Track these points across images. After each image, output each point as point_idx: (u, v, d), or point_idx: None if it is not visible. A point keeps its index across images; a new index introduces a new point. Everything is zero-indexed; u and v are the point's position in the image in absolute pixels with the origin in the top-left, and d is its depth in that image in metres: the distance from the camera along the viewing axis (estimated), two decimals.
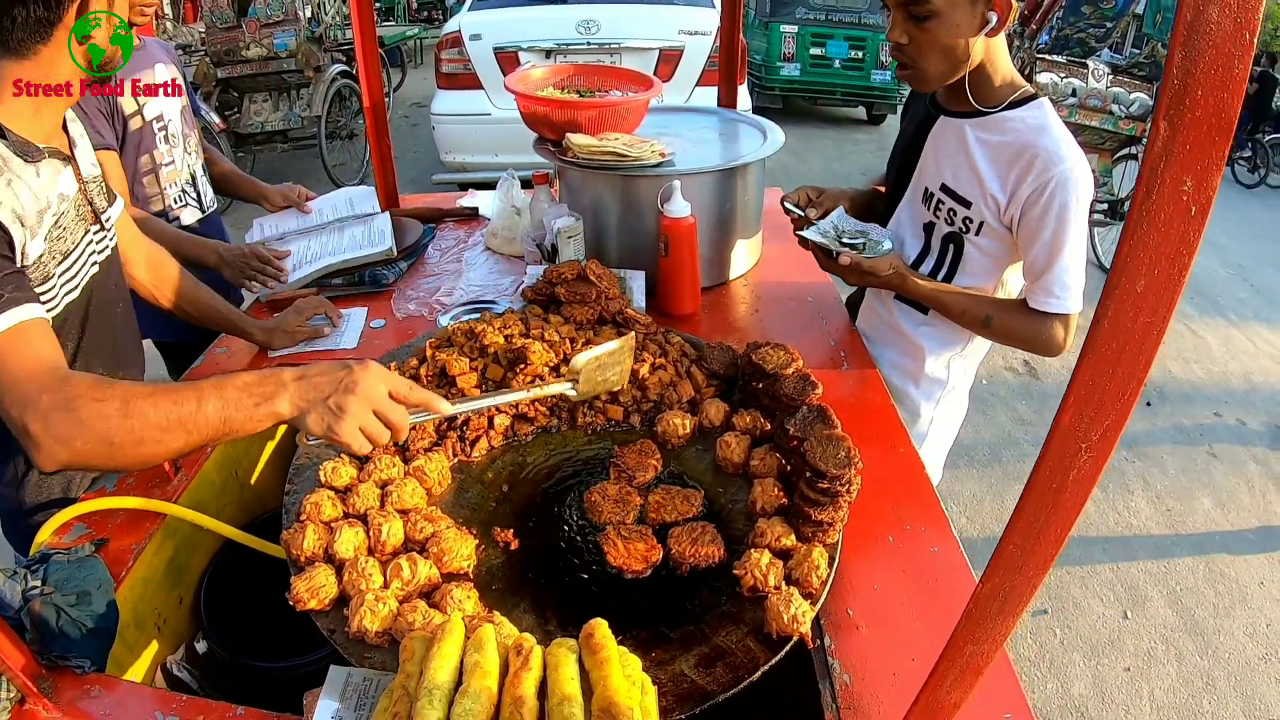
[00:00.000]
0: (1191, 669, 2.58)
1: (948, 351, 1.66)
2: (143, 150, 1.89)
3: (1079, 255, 1.39)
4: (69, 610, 0.98)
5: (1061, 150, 1.36)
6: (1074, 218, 1.36)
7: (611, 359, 1.19)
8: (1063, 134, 1.38)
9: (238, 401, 0.92)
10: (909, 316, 1.66)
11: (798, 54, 8.92)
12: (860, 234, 1.63)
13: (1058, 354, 1.46)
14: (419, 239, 2.18)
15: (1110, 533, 3.18)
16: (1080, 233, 1.37)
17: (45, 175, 1.13)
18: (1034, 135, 1.38)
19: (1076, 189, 1.35)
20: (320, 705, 0.87)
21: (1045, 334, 1.43)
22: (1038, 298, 1.42)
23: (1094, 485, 0.50)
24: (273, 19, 6.18)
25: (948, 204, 1.54)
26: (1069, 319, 1.42)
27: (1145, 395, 4.20)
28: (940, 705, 0.70)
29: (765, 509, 1.09)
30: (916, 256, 1.63)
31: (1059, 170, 1.34)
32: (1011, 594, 0.56)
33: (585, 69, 2.16)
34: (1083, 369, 0.46)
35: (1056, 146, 1.36)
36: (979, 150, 1.46)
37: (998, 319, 1.49)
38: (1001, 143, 1.43)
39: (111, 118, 1.76)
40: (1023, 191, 1.39)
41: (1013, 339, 1.50)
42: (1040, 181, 1.36)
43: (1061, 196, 1.35)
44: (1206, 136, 0.40)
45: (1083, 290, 1.41)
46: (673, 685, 0.88)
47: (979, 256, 1.53)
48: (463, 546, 1.03)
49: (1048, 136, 1.37)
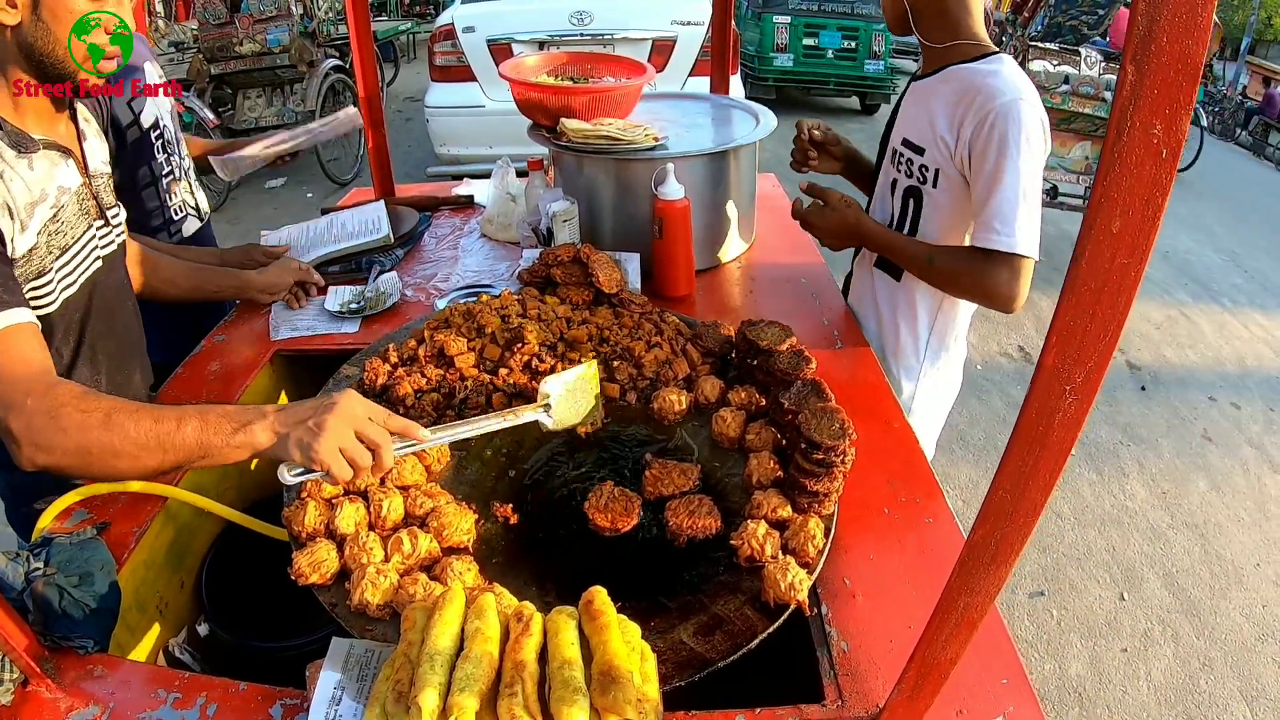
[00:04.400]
0: (1188, 650, 2.60)
1: (921, 321, 1.65)
2: (140, 162, 1.82)
3: (1023, 194, 1.34)
4: (72, 591, 0.98)
5: (1004, 86, 1.36)
6: (1014, 151, 1.33)
7: (579, 385, 1.19)
8: (1014, 76, 1.38)
9: (217, 426, 0.92)
10: (885, 284, 1.68)
11: (790, 44, 8.90)
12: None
13: (1009, 306, 1.40)
14: (415, 226, 2.18)
15: (1106, 515, 3.20)
16: (1027, 172, 1.34)
17: (40, 168, 1.12)
18: (982, 78, 1.40)
19: (1020, 122, 1.33)
20: (323, 676, 0.87)
21: (988, 276, 1.39)
22: (978, 234, 1.40)
23: (1080, 429, 0.51)
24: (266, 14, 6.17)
25: (906, 155, 1.56)
26: (1015, 262, 1.37)
27: (1140, 380, 4.22)
28: (936, 661, 0.71)
29: (761, 481, 1.10)
30: (887, 218, 1.67)
31: (1000, 103, 1.34)
32: (1003, 542, 0.57)
33: (578, 56, 2.16)
34: (1063, 309, 0.47)
35: (1001, 83, 1.36)
36: (935, 100, 1.48)
37: (940, 259, 1.48)
38: (954, 89, 1.44)
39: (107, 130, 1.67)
40: (967, 130, 1.40)
41: (958, 282, 1.48)
42: (981, 115, 1.37)
43: (1001, 127, 1.34)
44: (1173, 81, 0.41)
45: (1036, 236, 1.37)
46: (672, 653, 0.90)
47: (936, 210, 1.54)
48: (462, 521, 1.04)
49: (995, 77, 1.38)
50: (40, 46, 1.09)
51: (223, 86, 6.36)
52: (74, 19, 1.09)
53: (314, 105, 6.26)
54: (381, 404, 1.25)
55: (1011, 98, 1.35)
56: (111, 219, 1.31)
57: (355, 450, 0.92)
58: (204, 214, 2.09)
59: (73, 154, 1.21)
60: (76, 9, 1.08)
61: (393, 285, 1.83)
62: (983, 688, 0.88)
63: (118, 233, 1.33)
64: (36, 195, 1.11)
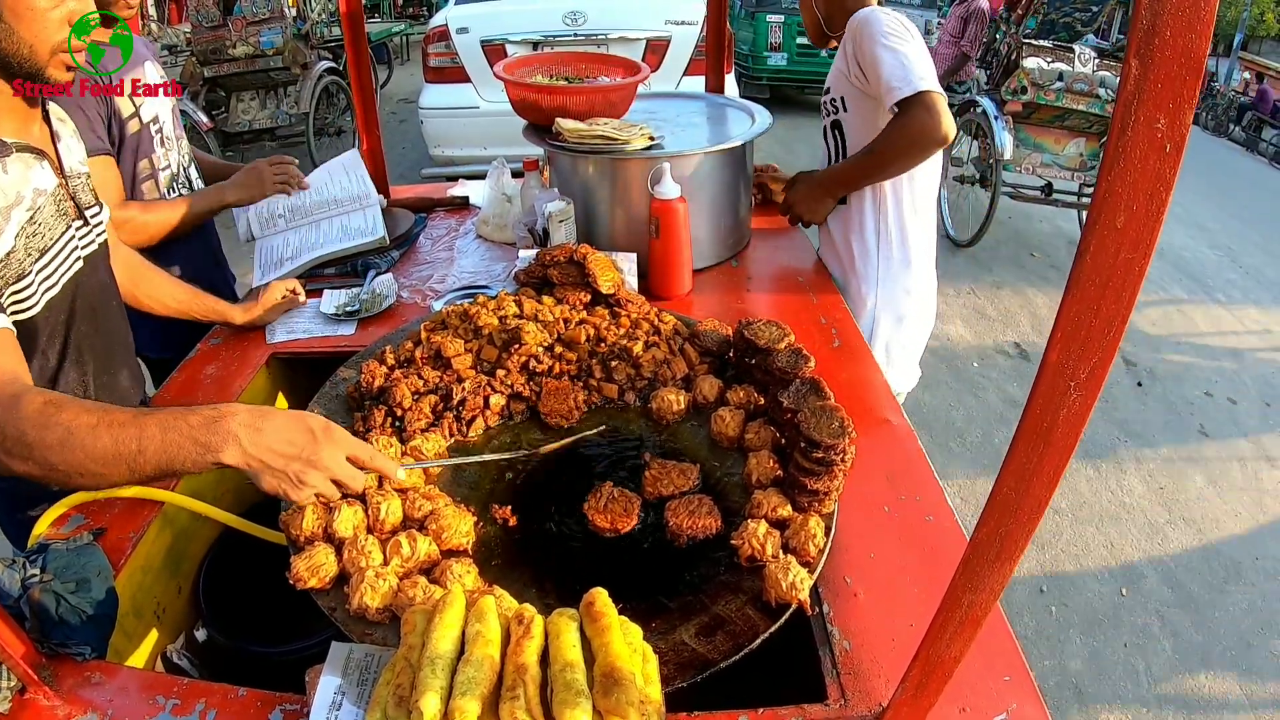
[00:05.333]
0: (1188, 644, 2.60)
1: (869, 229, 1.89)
2: (141, 155, 1.83)
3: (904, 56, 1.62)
4: (68, 597, 0.98)
5: (860, 12, 1.72)
6: (880, 38, 1.65)
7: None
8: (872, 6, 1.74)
9: (179, 445, 0.88)
10: (832, 219, 1.97)
11: (784, 43, 8.92)
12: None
13: (937, 135, 1.63)
14: (410, 228, 2.18)
15: (1104, 511, 3.20)
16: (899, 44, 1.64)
17: (14, 171, 1.11)
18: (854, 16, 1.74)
19: (873, 20, 1.68)
20: (322, 682, 0.87)
21: (911, 123, 1.63)
22: (885, 103, 1.66)
23: (1084, 425, 0.50)
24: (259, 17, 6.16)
25: (824, 102, 1.95)
26: (925, 98, 1.60)
27: (1136, 376, 4.23)
28: (940, 659, 0.71)
29: (761, 481, 1.10)
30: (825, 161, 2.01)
31: (857, 21, 1.71)
32: (1007, 539, 0.57)
33: (573, 56, 2.16)
34: (1067, 305, 0.47)
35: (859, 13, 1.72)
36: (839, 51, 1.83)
37: (876, 143, 1.73)
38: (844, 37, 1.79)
39: (109, 122, 1.71)
40: (849, 54, 1.74)
41: (894, 148, 1.71)
42: (849, 37, 1.73)
43: (863, 32, 1.68)
44: (1177, 75, 0.41)
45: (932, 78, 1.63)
46: (673, 654, 0.89)
47: (855, 127, 1.84)
48: (461, 523, 1.03)
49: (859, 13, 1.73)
50: (5, 47, 1.08)
51: (216, 89, 6.35)
52: (35, 16, 1.06)
53: (308, 107, 6.26)
54: (379, 406, 1.25)
55: (865, 12, 1.71)
56: (91, 218, 1.30)
57: (330, 493, 0.95)
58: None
59: (47, 155, 1.20)
60: (38, 6, 1.06)
61: (389, 287, 1.83)
62: (985, 685, 0.88)
63: (98, 232, 1.33)
64: (11, 198, 1.10)
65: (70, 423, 0.89)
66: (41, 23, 1.08)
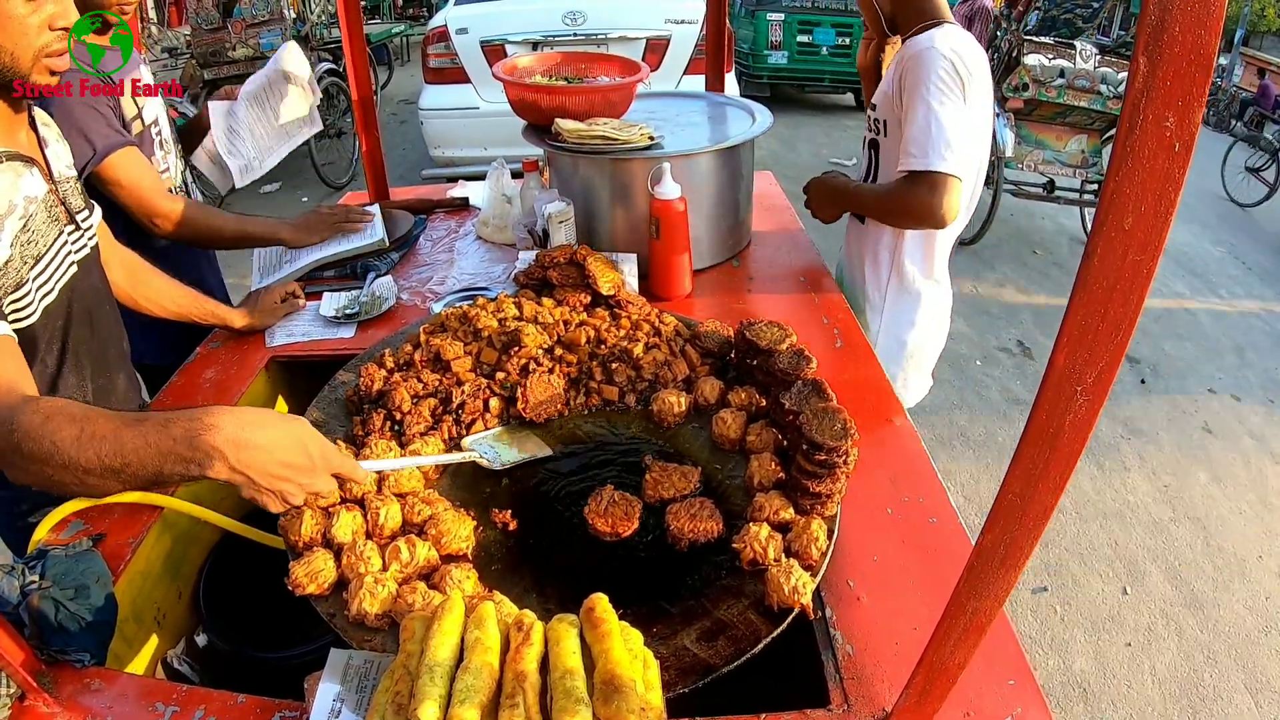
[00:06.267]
0: (1192, 643, 2.59)
1: (882, 259, 1.86)
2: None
3: (936, 120, 1.53)
4: (67, 604, 0.98)
5: (923, 40, 1.58)
6: (924, 89, 1.54)
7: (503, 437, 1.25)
8: (938, 34, 1.58)
9: (163, 459, 0.85)
10: (855, 228, 1.96)
11: (785, 42, 8.90)
12: None
13: (933, 218, 1.58)
14: (410, 230, 2.17)
15: (1108, 509, 3.19)
16: (940, 105, 1.53)
17: (5, 179, 1.11)
18: (914, 39, 1.63)
19: (928, 65, 1.54)
20: (321, 688, 0.86)
21: (912, 195, 1.59)
22: (900, 163, 1.60)
23: (1091, 430, 0.49)
24: (258, 19, 6.17)
25: (870, 115, 1.84)
26: (933, 179, 1.55)
27: (1140, 373, 4.22)
28: (944, 666, 0.70)
29: (763, 483, 1.09)
30: (863, 173, 1.93)
31: (913, 53, 1.58)
32: (1013, 545, 0.56)
33: (572, 56, 2.15)
34: (1074, 309, 0.46)
35: (923, 39, 1.59)
36: (891, 67, 1.72)
37: (884, 192, 1.71)
38: (899, 54, 1.67)
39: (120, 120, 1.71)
40: (898, 80, 1.63)
41: (893, 208, 1.70)
42: (903, 66, 1.61)
43: (915, 72, 1.57)
44: (1186, 72, 0.40)
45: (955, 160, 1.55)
46: (675, 659, 0.88)
47: (889, 157, 1.75)
48: (461, 528, 1.03)
49: (923, 36, 1.60)
50: None
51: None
52: (13, 23, 1.06)
53: None
54: (378, 410, 1.24)
55: (925, 47, 1.57)
56: (81, 223, 1.30)
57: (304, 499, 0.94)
58: None
59: (36, 162, 1.19)
60: (16, 14, 1.06)
61: (388, 289, 1.82)
62: (990, 689, 0.87)
63: (89, 235, 1.32)
64: (4, 208, 1.09)
65: (54, 435, 0.87)
66: (21, 29, 1.07)
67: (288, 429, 0.89)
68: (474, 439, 1.22)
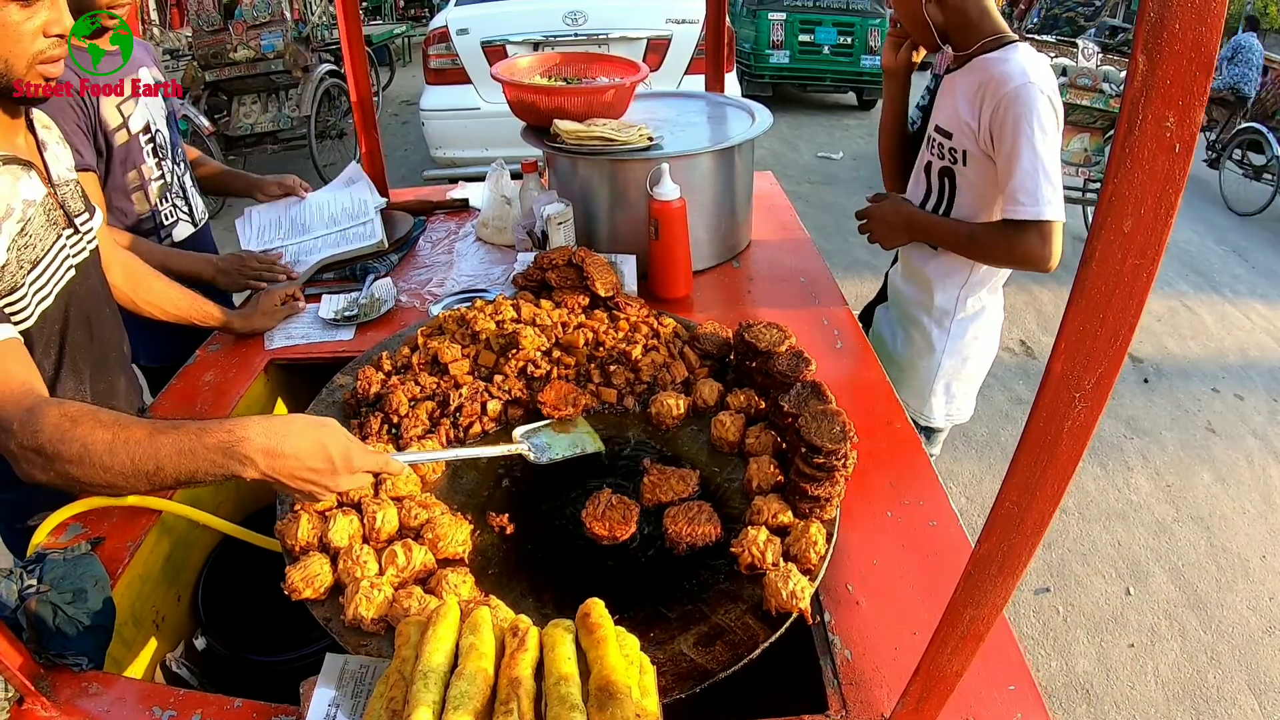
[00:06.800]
0: (1195, 644, 2.58)
1: (953, 281, 1.78)
2: (129, 166, 1.79)
3: (1042, 165, 1.48)
4: (65, 608, 0.97)
5: (1015, 71, 1.50)
6: (1029, 130, 1.48)
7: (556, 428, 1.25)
8: (1026, 62, 1.51)
9: (196, 465, 0.90)
10: (920, 252, 1.82)
11: (786, 41, 8.88)
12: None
13: (1043, 266, 1.54)
14: (410, 231, 2.17)
15: (1111, 510, 3.18)
16: (1043, 146, 1.48)
17: (2, 183, 1.10)
18: (998, 65, 1.54)
19: (1030, 104, 1.47)
20: (317, 694, 0.86)
21: (1021, 244, 1.53)
22: (1007, 208, 1.54)
23: (1090, 437, 0.49)
24: (259, 20, 6.15)
25: (938, 140, 1.71)
26: (1043, 227, 1.51)
27: (1143, 372, 4.20)
28: (942, 674, 0.70)
29: (761, 486, 1.09)
30: (922, 197, 1.80)
31: (1011, 88, 1.49)
32: (1010, 554, 0.55)
33: (572, 57, 2.14)
34: (1072, 314, 0.45)
35: (1012, 69, 1.51)
36: (959, 88, 1.63)
37: (980, 234, 1.63)
38: (975, 78, 1.58)
39: (93, 135, 1.67)
40: (986, 113, 1.54)
41: (995, 253, 1.63)
42: (996, 100, 1.51)
43: (1014, 110, 1.48)
44: (1186, 71, 0.39)
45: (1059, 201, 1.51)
46: (671, 665, 0.88)
47: (968, 187, 1.68)
48: (458, 532, 1.02)
49: (1008, 64, 1.52)
50: None
51: (218, 93, 6.34)
52: (7, 30, 1.05)
53: (309, 111, 6.25)
54: (375, 413, 1.24)
55: (1022, 82, 1.48)
56: (81, 226, 1.29)
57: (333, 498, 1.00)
58: (199, 219, 2.07)
59: (34, 165, 1.19)
60: (10, 20, 1.05)
61: (387, 291, 1.82)
62: (990, 695, 0.87)
63: (89, 239, 1.32)
64: (2, 211, 1.09)
65: (86, 439, 0.90)
66: (15, 36, 1.07)
67: (313, 436, 0.93)
68: (524, 430, 1.22)
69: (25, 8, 1.07)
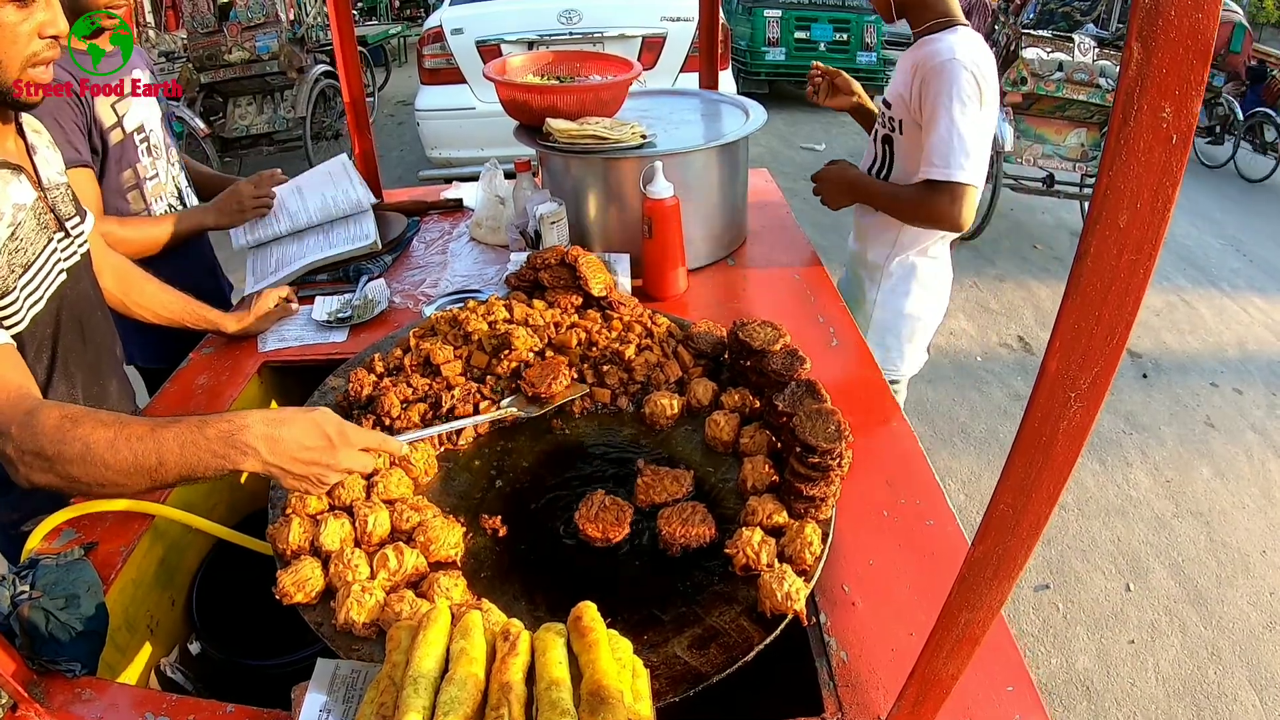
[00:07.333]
0: (1196, 640, 2.57)
1: (884, 240, 1.96)
2: (125, 165, 1.79)
3: (958, 132, 1.63)
4: (58, 614, 0.97)
5: (942, 48, 1.66)
6: (948, 99, 1.63)
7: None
8: (957, 41, 1.67)
9: (198, 458, 0.91)
10: (863, 213, 2.02)
11: (782, 38, 8.86)
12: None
13: (954, 225, 1.71)
14: (403, 232, 2.15)
15: (1110, 505, 3.17)
16: (961, 115, 1.63)
17: None
18: (932, 44, 1.70)
19: (950, 77, 1.63)
20: (308, 699, 0.85)
21: (933, 203, 1.69)
22: (922, 169, 1.70)
23: (1086, 437, 0.48)
24: (254, 22, 6.14)
25: (884, 111, 1.89)
26: (955, 189, 1.66)
27: (1141, 367, 4.19)
28: (938, 677, 0.69)
29: (756, 487, 1.08)
30: (869, 163, 1.98)
31: (937, 62, 1.66)
32: (1006, 557, 0.54)
33: (565, 55, 2.13)
34: (1067, 311, 0.44)
35: (941, 47, 1.67)
36: (904, 64, 1.80)
37: (902, 194, 1.80)
38: (913, 55, 1.75)
39: (89, 132, 1.68)
40: (916, 85, 1.71)
41: (912, 211, 1.80)
42: (924, 73, 1.68)
43: (937, 82, 1.65)
44: (1183, 59, 0.38)
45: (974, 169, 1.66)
46: (665, 668, 0.87)
47: (903, 154, 1.84)
48: (450, 535, 1.01)
49: (940, 43, 1.68)
50: None
51: (213, 95, 6.33)
52: (2, 31, 1.05)
53: (304, 112, 6.24)
54: (367, 415, 1.23)
55: (948, 58, 1.64)
56: (71, 230, 1.28)
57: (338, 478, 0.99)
58: None
59: (24, 169, 1.18)
60: (6, 21, 1.05)
61: (380, 293, 1.81)
62: (987, 696, 0.86)
63: (80, 243, 1.31)
64: None
65: (88, 437, 0.91)
66: (11, 37, 1.07)
67: (307, 418, 0.95)
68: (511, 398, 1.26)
69: (21, 8, 1.07)
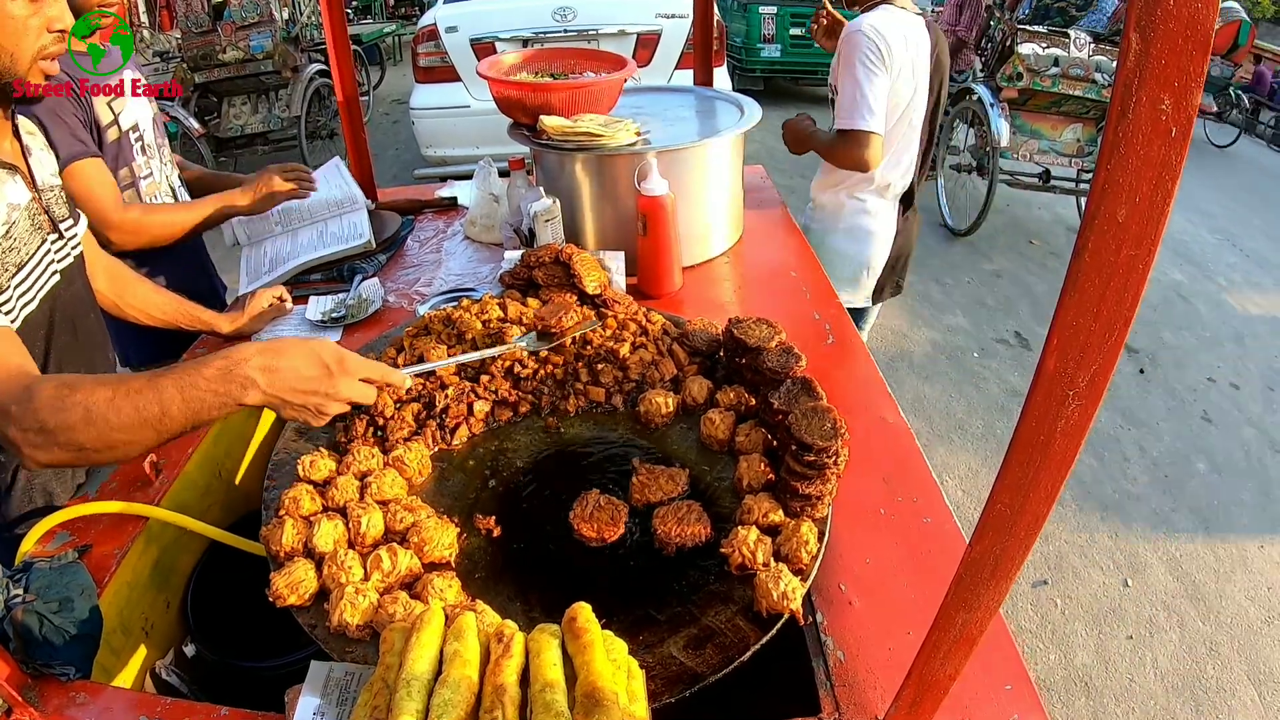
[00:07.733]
0: (1194, 635, 2.58)
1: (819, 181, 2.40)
2: (120, 163, 1.79)
3: (860, 89, 1.99)
4: (51, 617, 0.96)
5: (854, 24, 2.02)
6: (852, 63, 2.00)
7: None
8: (870, 16, 2.02)
9: (200, 400, 0.92)
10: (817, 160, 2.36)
11: (778, 34, 8.85)
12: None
13: (862, 167, 2.07)
14: (397, 231, 2.15)
15: (1108, 501, 3.18)
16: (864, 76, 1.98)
17: None
18: (852, 21, 2.06)
19: (856, 43, 1.99)
20: (301, 702, 0.84)
21: (845, 148, 2.07)
22: (835, 121, 2.08)
23: (1085, 436, 0.47)
24: (248, 21, 6.12)
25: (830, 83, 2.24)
26: (859, 136, 2.02)
27: (1138, 363, 4.20)
28: (935, 678, 0.68)
29: (752, 485, 1.07)
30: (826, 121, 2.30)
31: (846, 34, 2.03)
32: (1003, 557, 0.54)
33: (559, 52, 2.12)
34: (1065, 308, 0.43)
35: (857, 22, 2.02)
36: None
37: (827, 140, 2.17)
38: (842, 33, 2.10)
39: (89, 128, 1.68)
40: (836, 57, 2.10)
41: (831, 154, 2.18)
42: (841, 46, 2.06)
43: (845, 49, 2.03)
44: (1182, 49, 0.37)
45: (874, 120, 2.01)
46: (661, 668, 0.86)
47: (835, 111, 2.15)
48: (444, 535, 1.00)
49: (858, 19, 2.03)
50: None
51: (208, 95, 6.31)
52: (14, 25, 1.06)
53: (299, 111, 6.22)
54: (360, 416, 1.22)
55: (855, 29, 2.01)
56: (65, 231, 1.28)
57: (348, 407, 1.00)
58: None
59: (19, 170, 1.18)
60: (16, 15, 1.05)
61: (375, 292, 1.80)
62: (986, 695, 0.85)
63: (73, 244, 1.31)
64: None
65: (86, 400, 0.91)
66: (21, 30, 1.07)
67: (305, 346, 0.96)
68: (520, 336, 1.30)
69: (32, 2, 1.07)
